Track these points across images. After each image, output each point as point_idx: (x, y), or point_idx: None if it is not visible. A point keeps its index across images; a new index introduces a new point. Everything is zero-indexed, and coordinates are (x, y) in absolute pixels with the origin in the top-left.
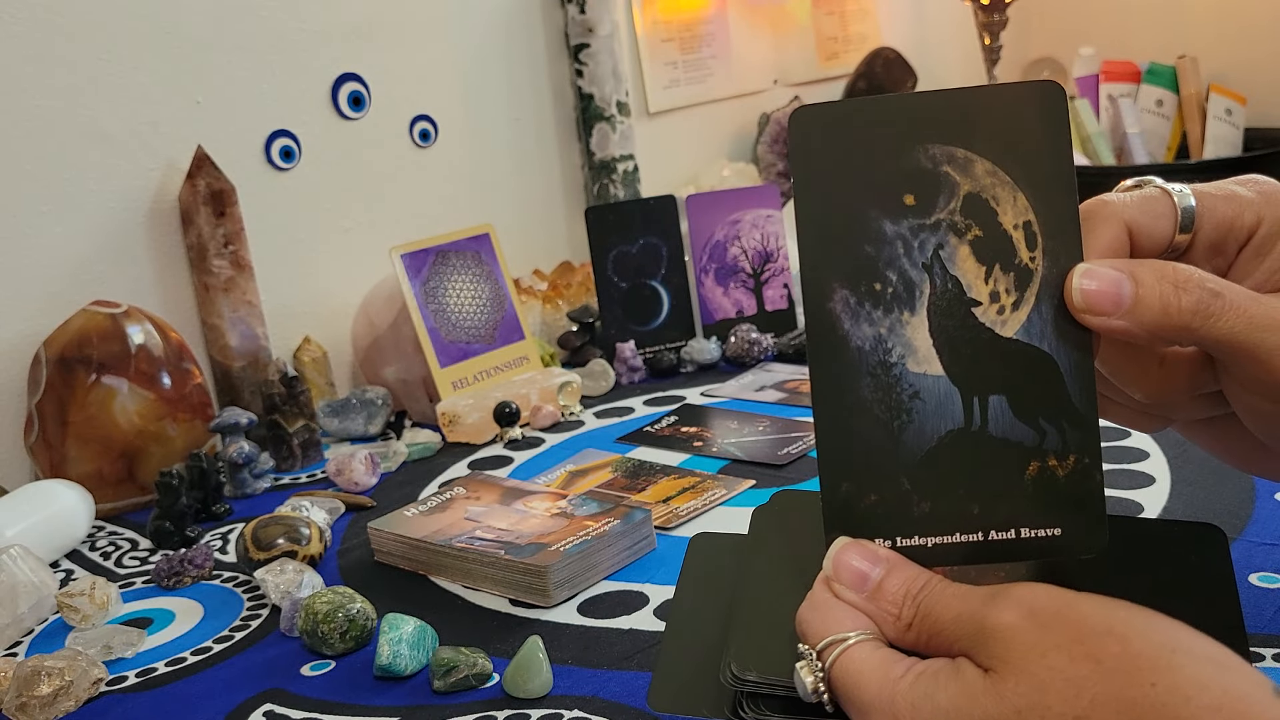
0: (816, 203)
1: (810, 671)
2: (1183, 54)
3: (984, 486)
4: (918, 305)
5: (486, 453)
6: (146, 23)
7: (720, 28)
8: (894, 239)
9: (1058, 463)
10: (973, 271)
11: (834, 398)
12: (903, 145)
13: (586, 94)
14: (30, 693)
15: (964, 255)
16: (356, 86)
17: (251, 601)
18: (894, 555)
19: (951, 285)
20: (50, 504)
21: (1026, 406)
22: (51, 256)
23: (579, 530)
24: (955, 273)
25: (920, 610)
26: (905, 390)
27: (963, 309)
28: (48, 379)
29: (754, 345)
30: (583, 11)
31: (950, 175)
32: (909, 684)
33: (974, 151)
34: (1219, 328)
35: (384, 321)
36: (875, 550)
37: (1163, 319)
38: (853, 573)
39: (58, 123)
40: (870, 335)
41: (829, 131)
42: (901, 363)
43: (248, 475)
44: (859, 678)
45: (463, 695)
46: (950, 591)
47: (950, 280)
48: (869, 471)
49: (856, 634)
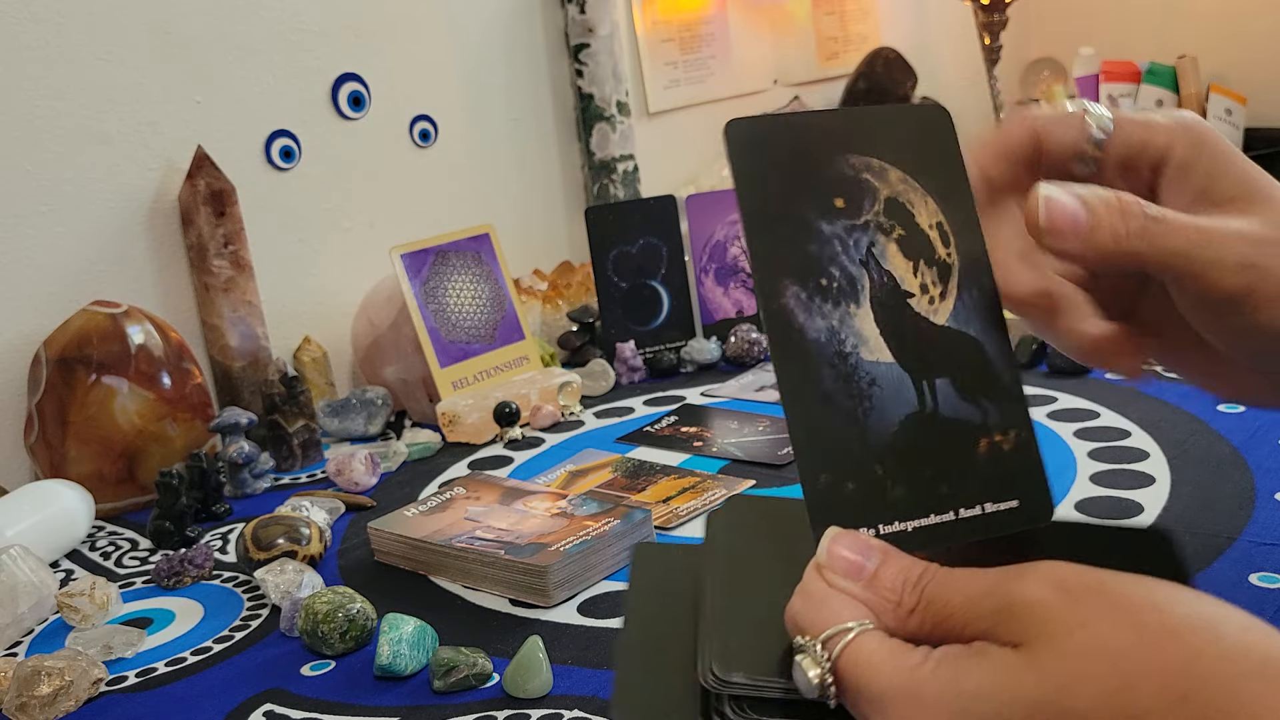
0: (758, 206)
1: (815, 664)
2: (1183, 54)
3: (947, 464)
4: (861, 298)
5: (486, 453)
6: (146, 23)
7: (720, 28)
8: (831, 238)
9: (1002, 437)
10: (902, 266)
11: (801, 390)
12: (827, 155)
13: (586, 94)
14: (30, 693)
15: (893, 252)
16: (356, 86)
17: (251, 601)
18: (885, 544)
19: (887, 279)
20: (50, 504)
21: (967, 387)
22: (51, 256)
23: (579, 530)
24: (888, 267)
25: (925, 596)
26: (863, 378)
27: (900, 300)
28: (48, 379)
29: (754, 345)
30: (583, 11)
31: (870, 181)
32: (931, 670)
33: (886, 161)
34: (1163, 249)
35: (384, 321)
36: (867, 540)
37: (1113, 244)
38: (847, 563)
39: (58, 123)
40: (824, 328)
41: (761, 142)
42: (856, 352)
43: (248, 475)
44: (870, 668)
45: (463, 695)
46: (957, 575)
47: (885, 274)
48: (844, 460)
49: (858, 624)
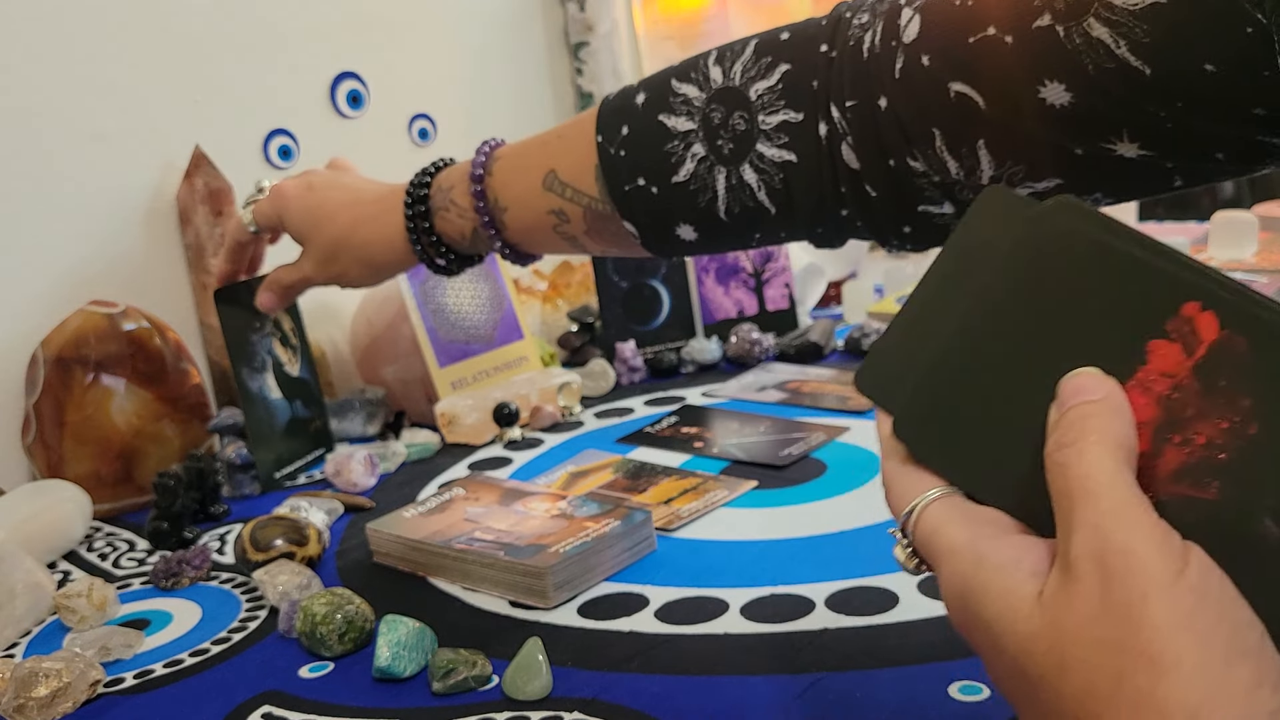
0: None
1: (901, 548)
2: None
3: None
4: None
5: (486, 453)
6: (145, 22)
7: (720, 26)
8: None
9: None
10: None
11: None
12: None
13: (586, 92)
14: (28, 694)
15: None
16: (355, 85)
17: (249, 603)
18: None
19: None
20: (48, 504)
21: None
22: (48, 255)
23: (579, 531)
24: None
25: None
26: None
27: None
28: (45, 379)
29: (755, 345)
30: (582, 9)
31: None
32: (988, 546)
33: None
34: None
35: (382, 321)
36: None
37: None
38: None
39: (55, 122)
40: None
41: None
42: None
43: (246, 476)
44: (936, 534)
45: (462, 697)
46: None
47: None
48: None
49: (922, 497)
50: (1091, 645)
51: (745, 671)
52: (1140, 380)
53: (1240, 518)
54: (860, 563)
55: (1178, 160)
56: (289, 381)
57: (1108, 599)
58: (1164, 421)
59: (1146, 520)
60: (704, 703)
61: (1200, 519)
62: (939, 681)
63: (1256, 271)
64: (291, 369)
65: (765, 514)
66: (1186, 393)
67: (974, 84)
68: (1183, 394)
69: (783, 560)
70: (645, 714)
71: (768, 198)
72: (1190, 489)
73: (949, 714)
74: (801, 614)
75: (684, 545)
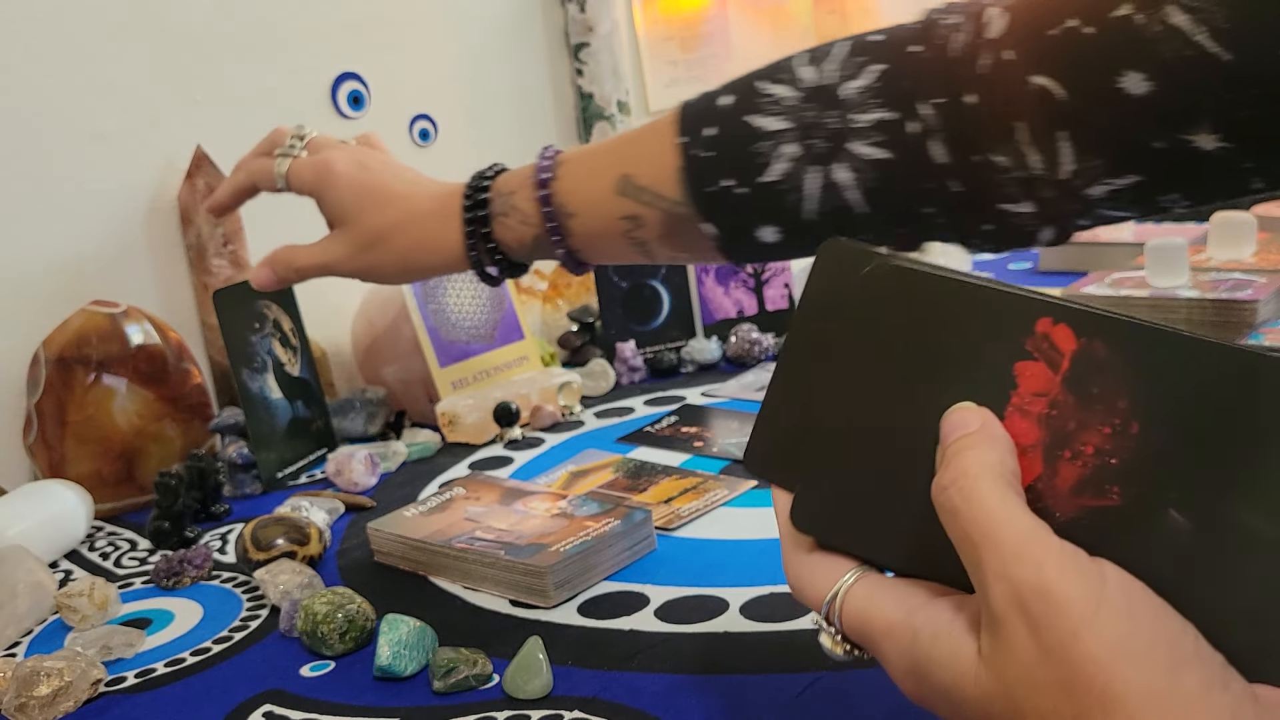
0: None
1: (829, 637)
2: None
3: None
4: None
5: (486, 453)
6: (146, 22)
7: (721, 26)
8: None
9: None
10: None
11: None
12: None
13: (587, 93)
14: (29, 693)
15: None
16: (356, 85)
17: (251, 602)
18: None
19: None
20: (49, 504)
21: None
22: (50, 256)
23: (579, 531)
24: None
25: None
26: None
27: None
28: (47, 379)
29: (755, 345)
30: (583, 10)
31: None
32: (922, 618)
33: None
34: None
35: (383, 321)
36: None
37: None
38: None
39: (56, 122)
40: None
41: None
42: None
43: (247, 475)
44: (863, 616)
45: (463, 696)
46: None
47: None
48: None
49: (842, 581)
50: (1041, 692)
51: (745, 670)
52: (1017, 405)
53: (1145, 517)
54: None
55: (1257, 157)
56: (289, 382)
57: (1041, 643)
58: (1050, 440)
59: (1053, 551)
60: (704, 702)
61: (1108, 527)
62: None
63: (1255, 272)
64: (292, 369)
65: (765, 513)
66: (1063, 407)
67: (1054, 76)
68: (1060, 409)
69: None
70: (645, 713)
71: (859, 197)
72: (1092, 499)
73: None
74: (801, 613)
75: (684, 544)
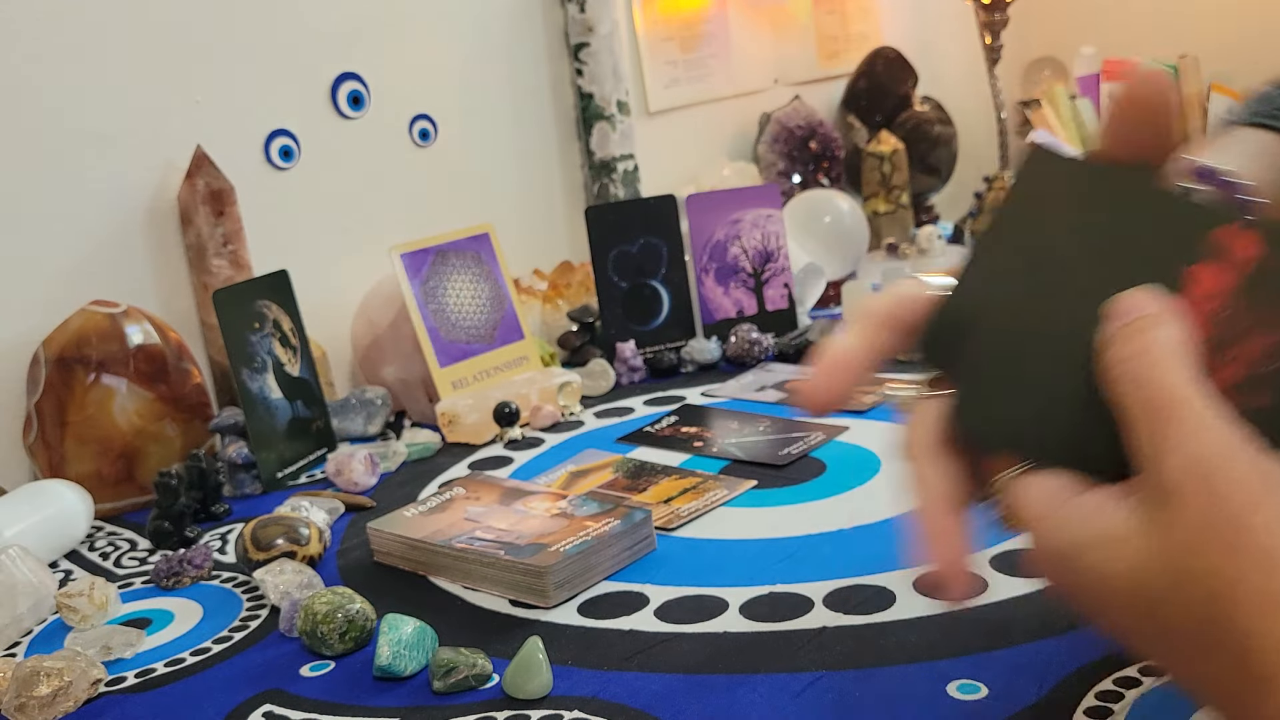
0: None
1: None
2: (1184, 53)
3: None
4: None
5: (486, 453)
6: (146, 23)
7: (720, 27)
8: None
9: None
10: None
11: None
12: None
13: (586, 93)
14: (29, 693)
15: None
16: (356, 86)
17: (251, 602)
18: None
19: None
20: (49, 504)
21: None
22: (50, 256)
23: (579, 531)
24: None
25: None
26: None
27: None
28: (46, 379)
29: (754, 345)
30: (583, 10)
31: None
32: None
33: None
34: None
35: (383, 321)
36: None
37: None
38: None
39: (57, 122)
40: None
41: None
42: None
43: (247, 475)
44: (1028, 498)
45: (462, 696)
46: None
47: None
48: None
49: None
50: (1203, 555)
51: (744, 670)
52: (1189, 301)
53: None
54: (859, 562)
55: None
56: (289, 382)
57: (1217, 512)
58: (1217, 338)
59: (1237, 430)
60: (704, 702)
61: (1258, 426)
62: (937, 680)
63: None
64: (291, 369)
65: (764, 513)
66: (1235, 310)
67: None
68: (1232, 311)
69: (782, 559)
70: (645, 713)
71: None
72: (1246, 398)
73: (947, 712)
74: (800, 613)
75: (684, 544)
